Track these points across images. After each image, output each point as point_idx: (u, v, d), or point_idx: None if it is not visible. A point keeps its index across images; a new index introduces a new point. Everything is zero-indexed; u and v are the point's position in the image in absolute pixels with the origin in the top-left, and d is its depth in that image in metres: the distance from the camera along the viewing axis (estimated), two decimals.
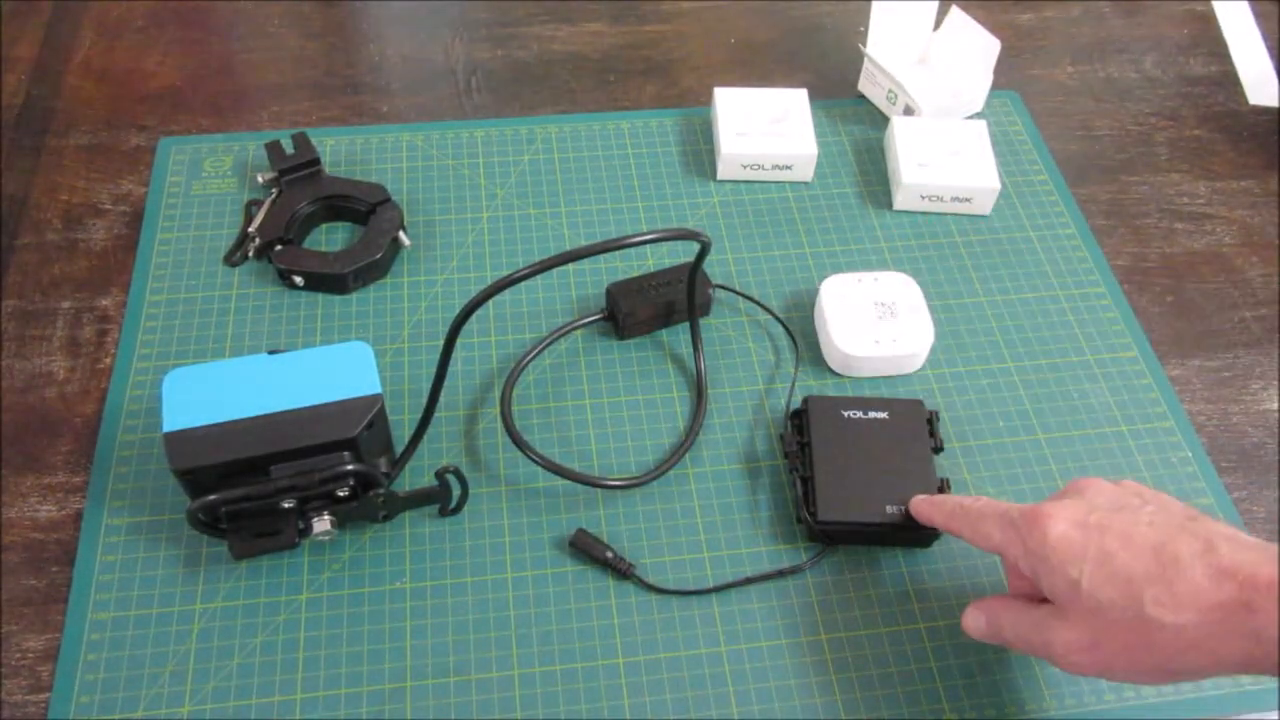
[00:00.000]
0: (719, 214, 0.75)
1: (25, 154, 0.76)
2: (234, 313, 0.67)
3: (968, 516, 0.51)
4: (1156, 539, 0.44)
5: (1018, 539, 0.47)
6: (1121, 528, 0.45)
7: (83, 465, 0.60)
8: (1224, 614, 0.41)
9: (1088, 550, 0.44)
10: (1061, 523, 0.46)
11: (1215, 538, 0.43)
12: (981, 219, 0.75)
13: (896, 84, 0.79)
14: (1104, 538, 0.44)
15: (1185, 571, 0.42)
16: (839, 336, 0.65)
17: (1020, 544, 0.47)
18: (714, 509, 0.60)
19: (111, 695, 0.52)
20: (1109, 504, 0.47)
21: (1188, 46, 0.91)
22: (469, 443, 0.62)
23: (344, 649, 0.54)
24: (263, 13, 0.89)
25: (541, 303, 0.69)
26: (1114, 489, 0.48)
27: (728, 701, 0.53)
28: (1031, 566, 0.47)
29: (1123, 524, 0.45)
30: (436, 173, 0.76)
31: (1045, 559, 0.45)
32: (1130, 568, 0.43)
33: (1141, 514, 0.46)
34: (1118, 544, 0.44)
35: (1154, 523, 0.45)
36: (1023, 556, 0.47)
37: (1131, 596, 0.43)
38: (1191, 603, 0.41)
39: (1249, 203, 0.79)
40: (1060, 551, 0.45)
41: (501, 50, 0.87)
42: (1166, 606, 0.42)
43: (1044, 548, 0.45)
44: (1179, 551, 0.43)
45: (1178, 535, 0.43)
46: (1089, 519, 0.45)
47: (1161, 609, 0.42)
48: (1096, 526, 0.45)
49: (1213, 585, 0.41)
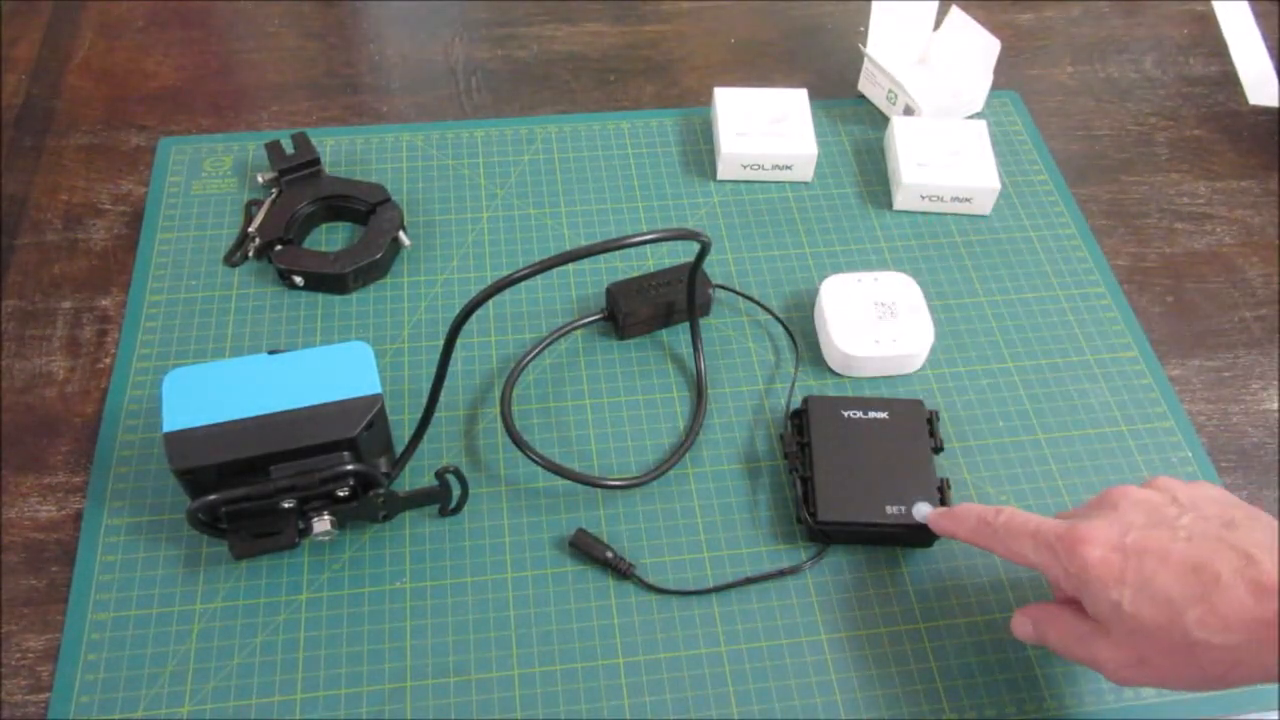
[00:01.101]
0: (719, 214, 0.75)
1: (25, 154, 0.76)
2: (234, 313, 0.67)
3: (997, 535, 0.50)
4: (1195, 557, 0.43)
5: (1056, 562, 0.47)
6: (1159, 547, 0.44)
7: (83, 465, 0.60)
8: (1269, 629, 0.41)
9: (1126, 574, 0.44)
10: (1099, 547, 0.45)
11: (1255, 550, 0.42)
12: (981, 219, 0.75)
13: (896, 84, 0.79)
14: (1142, 560, 0.44)
15: (1227, 591, 0.42)
16: (839, 336, 0.65)
17: (1059, 567, 0.47)
18: (714, 509, 0.60)
19: (111, 695, 0.52)
20: (1145, 520, 0.46)
21: (1188, 46, 0.91)
22: (469, 443, 0.62)
23: (344, 649, 0.54)
24: (263, 13, 0.89)
25: (541, 303, 0.69)
26: (1148, 497, 0.48)
27: (728, 701, 0.53)
28: (1073, 588, 0.47)
29: (1159, 542, 0.44)
30: (436, 173, 0.76)
31: (1087, 583, 0.45)
32: (1171, 589, 0.43)
33: (1179, 528, 0.45)
34: (1156, 564, 0.44)
35: (1191, 537, 0.44)
36: (1063, 578, 0.47)
37: (1174, 618, 0.43)
38: (1236, 621, 0.41)
39: (1249, 203, 0.79)
40: (1100, 576, 0.45)
41: (501, 50, 0.87)
42: (1211, 627, 0.42)
43: (1084, 572, 0.45)
44: (1219, 570, 0.42)
45: (1216, 550, 0.43)
46: (1126, 540, 0.45)
47: (1206, 629, 0.42)
48: (1135, 549, 0.45)
49: (1255, 602, 0.41)
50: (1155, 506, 0.47)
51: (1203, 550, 0.43)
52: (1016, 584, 0.58)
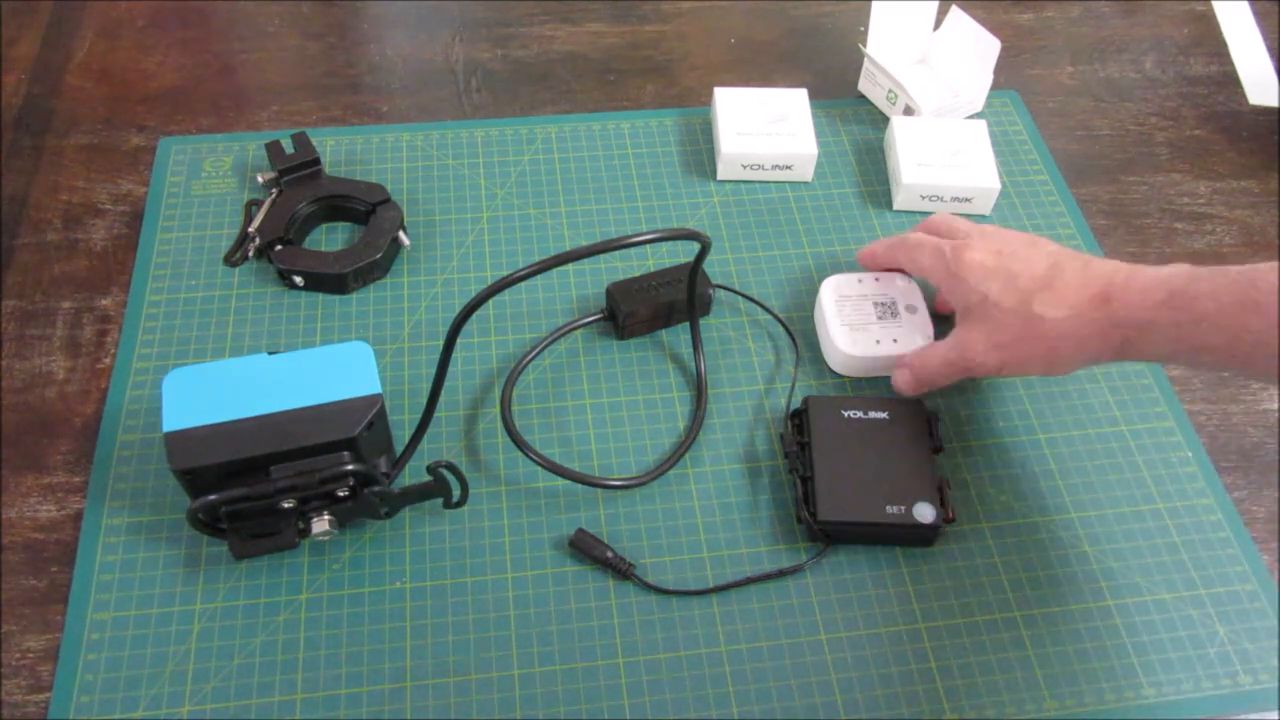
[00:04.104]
0: (719, 214, 0.75)
1: (25, 154, 0.76)
2: (234, 313, 0.67)
3: (905, 245, 0.64)
4: (1051, 262, 0.57)
5: (942, 263, 0.60)
6: (1025, 257, 0.58)
7: (83, 465, 0.60)
8: (1090, 306, 0.54)
9: (997, 272, 0.58)
10: (979, 253, 0.59)
11: (1094, 260, 0.56)
12: (982, 219, 0.75)
13: (896, 84, 0.79)
14: (1011, 263, 0.58)
15: (1065, 277, 0.56)
16: (839, 336, 0.65)
17: (944, 268, 0.60)
18: (714, 509, 0.60)
19: (111, 695, 0.52)
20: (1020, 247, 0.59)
21: (1188, 46, 0.91)
22: (469, 443, 0.62)
23: (344, 649, 0.54)
24: (263, 13, 0.89)
25: (541, 303, 0.69)
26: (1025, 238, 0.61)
27: (728, 701, 0.53)
28: (950, 285, 0.60)
29: (1026, 256, 0.58)
30: (436, 173, 0.76)
31: (964, 279, 0.59)
32: (1026, 281, 0.56)
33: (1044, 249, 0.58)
34: (1021, 266, 0.57)
35: (1052, 253, 0.58)
36: (945, 277, 0.60)
37: (1024, 300, 0.56)
38: (1066, 299, 0.55)
39: (1249, 203, 0.79)
40: (975, 272, 0.58)
41: (501, 50, 0.87)
42: (1049, 304, 0.55)
43: (965, 270, 0.59)
44: (1064, 265, 0.56)
45: (1068, 258, 0.57)
46: (1001, 250, 0.59)
47: (1045, 306, 0.55)
48: (1007, 254, 0.58)
49: (1082, 285, 0.55)
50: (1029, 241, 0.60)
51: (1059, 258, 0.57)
52: (1016, 584, 0.58)
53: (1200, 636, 0.57)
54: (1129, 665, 0.55)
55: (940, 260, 0.61)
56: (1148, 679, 0.55)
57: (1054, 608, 0.57)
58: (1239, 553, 0.60)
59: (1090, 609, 0.57)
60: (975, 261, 0.59)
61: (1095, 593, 0.58)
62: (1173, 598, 0.58)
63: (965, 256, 0.59)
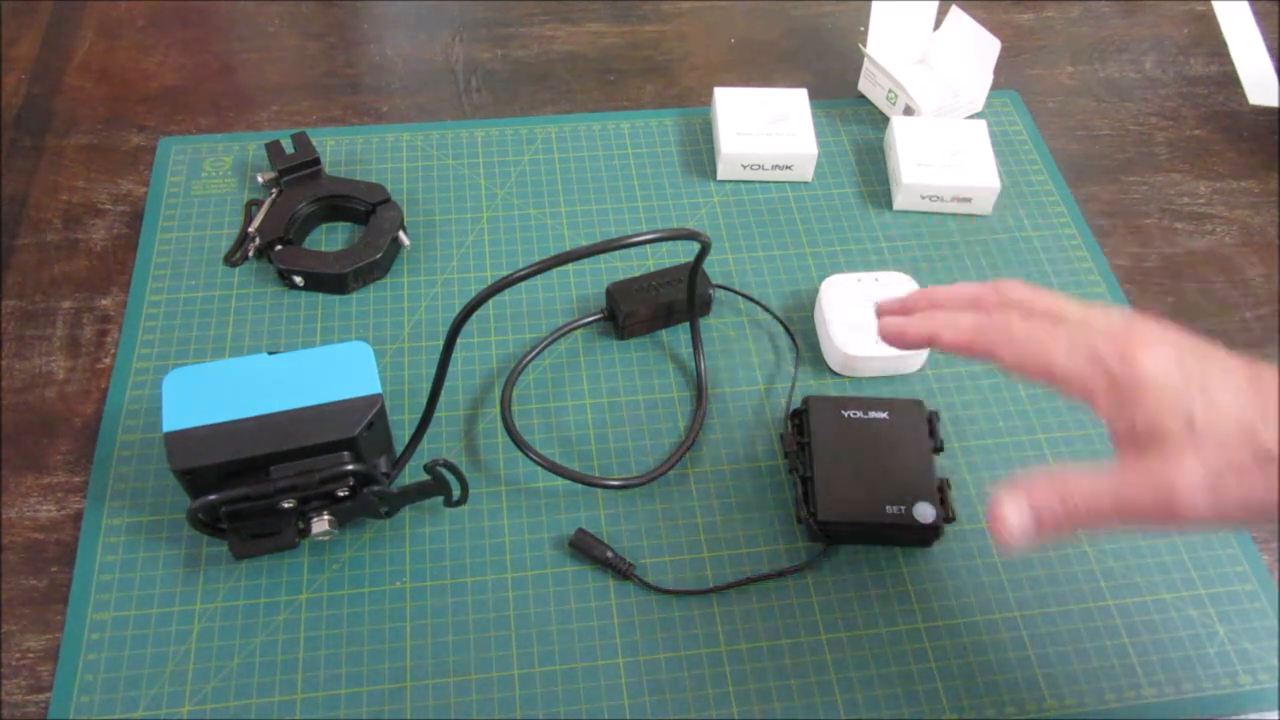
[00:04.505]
0: (719, 214, 0.75)
1: (25, 154, 0.76)
2: (234, 313, 0.67)
3: (1009, 334, 0.44)
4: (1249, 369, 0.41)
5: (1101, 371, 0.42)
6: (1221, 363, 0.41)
7: (83, 465, 0.60)
8: None
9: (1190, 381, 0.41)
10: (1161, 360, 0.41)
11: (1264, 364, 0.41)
12: (981, 219, 0.75)
13: (896, 84, 0.79)
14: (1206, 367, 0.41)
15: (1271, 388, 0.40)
16: (839, 336, 0.65)
17: (1101, 376, 0.42)
18: (714, 509, 0.60)
19: (111, 695, 0.52)
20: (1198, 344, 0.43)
21: (1188, 46, 0.91)
22: (469, 443, 0.62)
23: (344, 649, 0.54)
24: (263, 13, 0.89)
25: (541, 303, 0.69)
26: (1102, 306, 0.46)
27: (728, 701, 0.53)
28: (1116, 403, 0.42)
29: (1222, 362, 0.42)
30: (436, 173, 0.76)
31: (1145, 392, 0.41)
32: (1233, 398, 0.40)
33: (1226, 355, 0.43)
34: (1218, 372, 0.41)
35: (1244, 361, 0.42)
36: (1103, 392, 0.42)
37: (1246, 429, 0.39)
38: None
39: (1249, 203, 0.79)
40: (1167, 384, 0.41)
41: (501, 50, 0.87)
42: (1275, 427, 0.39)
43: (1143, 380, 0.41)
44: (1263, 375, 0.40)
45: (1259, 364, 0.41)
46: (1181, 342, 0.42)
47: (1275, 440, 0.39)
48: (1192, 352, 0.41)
49: None
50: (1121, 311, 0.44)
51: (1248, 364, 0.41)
52: (1016, 584, 0.58)
53: (1200, 636, 0.57)
54: (1129, 665, 0.55)
55: (1096, 365, 0.42)
56: (1148, 679, 0.55)
57: (1054, 608, 0.57)
58: (1239, 553, 0.60)
59: (1090, 609, 0.57)
60: (1159, 371, 0.41)
61: (1095, 593, 0.58)
62: (1173, 598, 0.58)
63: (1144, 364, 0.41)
